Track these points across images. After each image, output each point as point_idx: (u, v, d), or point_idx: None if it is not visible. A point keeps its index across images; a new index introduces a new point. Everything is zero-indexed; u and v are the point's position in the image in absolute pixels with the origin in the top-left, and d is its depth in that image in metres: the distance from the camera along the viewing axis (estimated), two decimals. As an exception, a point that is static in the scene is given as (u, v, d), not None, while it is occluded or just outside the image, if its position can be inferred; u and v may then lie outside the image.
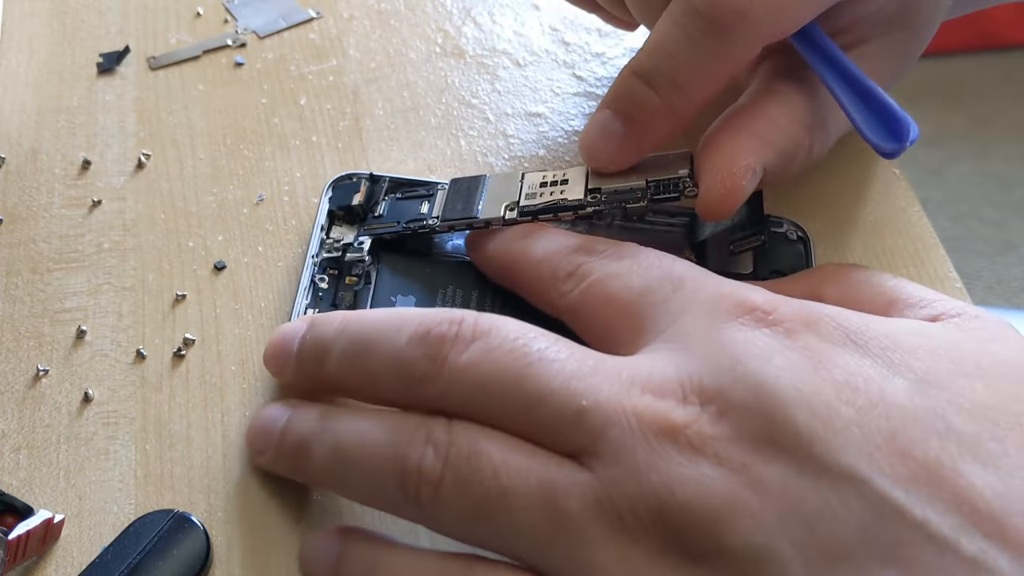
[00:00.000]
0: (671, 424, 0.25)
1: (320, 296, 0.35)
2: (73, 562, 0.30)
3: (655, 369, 0.27)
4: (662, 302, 0.29)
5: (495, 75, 0.44)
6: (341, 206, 0.37)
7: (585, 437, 0.26)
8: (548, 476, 0.26)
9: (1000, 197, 1.41)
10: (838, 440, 0.24)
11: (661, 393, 0.26)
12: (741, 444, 0.25)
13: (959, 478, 0.24)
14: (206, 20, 0.46)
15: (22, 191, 0.39)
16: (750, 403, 0.25)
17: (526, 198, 0.35)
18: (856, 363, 0.26)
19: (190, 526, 0.30)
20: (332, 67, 0.44)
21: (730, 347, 0.26)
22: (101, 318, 0.35)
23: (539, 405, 0.26)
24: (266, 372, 0.34)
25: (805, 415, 0.25)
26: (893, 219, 0.38)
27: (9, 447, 0.32)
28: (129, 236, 0.38)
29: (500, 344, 0.27)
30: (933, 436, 0.24)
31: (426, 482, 0.26)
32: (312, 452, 0.29)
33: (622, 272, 0.30)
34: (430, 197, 0.36)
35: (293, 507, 0.31)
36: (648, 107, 0.33)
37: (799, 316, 0.27)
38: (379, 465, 0.27)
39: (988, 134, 1.48)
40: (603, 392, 0.26)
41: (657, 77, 0.33)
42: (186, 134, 0.41)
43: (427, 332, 0.28)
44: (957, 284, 0.36)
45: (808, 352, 0.26)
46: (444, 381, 0.27)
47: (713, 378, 0.26)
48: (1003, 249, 1.36)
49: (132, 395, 0.34)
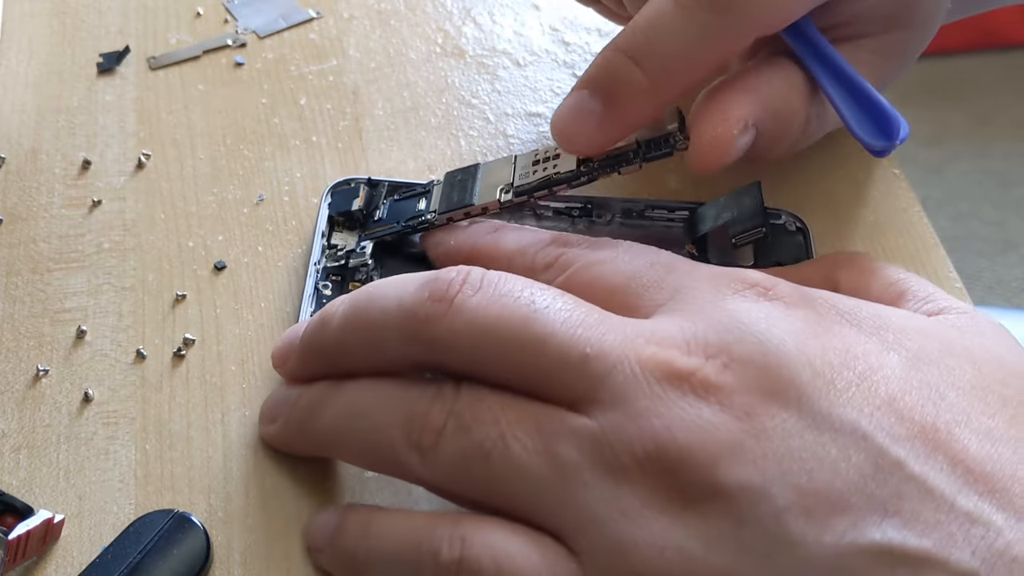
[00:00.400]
0: (675, 370, 0.25)
1: (324, 303, 0.35)
2: (73, 562, 0.30)
3: (659, 327, 0.27)
4: (655, 283, 0.29)
5: (495, 75, 0.44)
6: (340, 212, 0.37)
7: (587, 383, 0.26)
8: (546, 422, 0.26)
9: (1000, 196, 1.41)
10: (841, 398, 0.25)
11: (666, 345, 0.26)
12: (745, 394, 0.25)
13: (954, 441, 0.24)
14: (206, 20, 0.46)
15: (22, 191, 0.39)
16: (756, 358, 0.25)
17: (520, 178, 0.35)
18: (853, 336, 0.26)
19: (190, 526, 0.30)
20: (332, 67, 0.44)
21: (734, 312, 0.27)
22: (101, 318, 0.35)
23: (543, 350, 0.26)
24: (266, 372, 0.34)
25: (809, 373, 0.25)
26: (893, 218, 0.38)
27: (9, 447, 0.32)
28: (129, 236, 0.38)
29: (509, 291, 0.27)
30: (929, 404, 0.25)
31: (430, 429, 0.27)
32: (324, 411, 0.30)
33: (607, 259, 0.30)
34: (427, 194, 0.36)
35: (293, 507, 0.31)
36: (632, 86, 0.32)
37: (796, 293, 0.28)
38: (386, 419, 0.28)
39: (988, 133, 1.48)
40: (607, 340, 0.26)
41: (643, 52, 0.32)
42: (186, 134, 0.41)
43: (435, 278, 0.28)
44: (957, 284, 0.36)
45: (808, 322, 0.27)
46: (449, 321, 0.27)
47: (719, 335, 0.26)
48: (1003, 249, 1.36)
49: (132, 395, 0.34)
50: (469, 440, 0.26)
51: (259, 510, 0.31)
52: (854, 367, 0.25)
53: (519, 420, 0.26)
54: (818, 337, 0.26)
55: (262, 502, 0.31)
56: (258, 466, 0.32)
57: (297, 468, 0.32)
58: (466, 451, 0.26)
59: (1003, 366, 0.27)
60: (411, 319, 0.27)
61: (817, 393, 0.25)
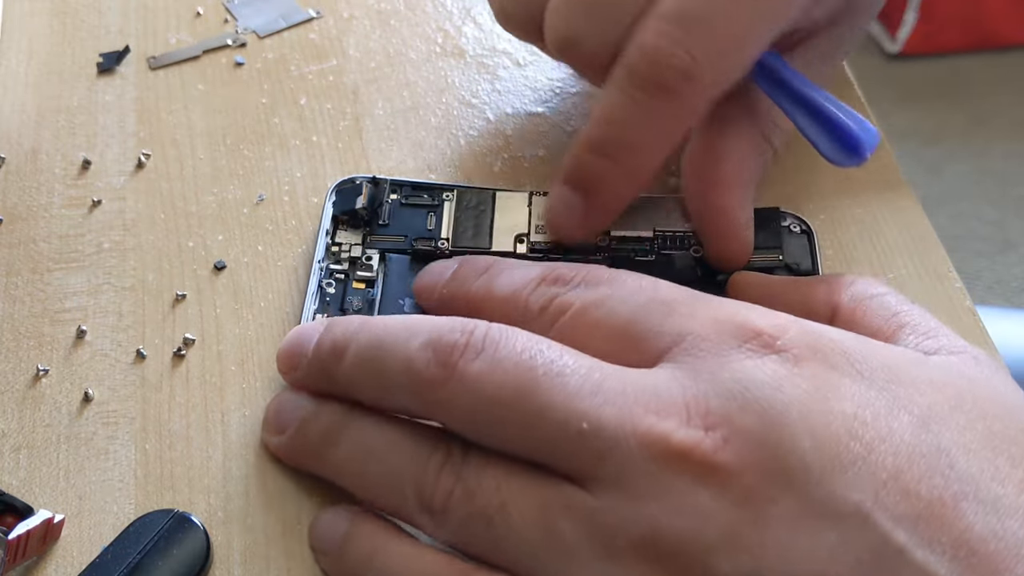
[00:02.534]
0: (673, 449, 0.25)
1: (328, 301, 0.35)
2: (73, 562, 0.30)
3: (660, 387, 0.26)
4: (656, 326, 0.28)
5: (495, 75, 0.44)
6: (345, 211, 0.37)
7: (585, 460, 0.26)
8: (546, 496, 0.26)
9: (1000, 195, 1.41)
10: (845, 477, 0.24)
11: (665, 414, 0.25)
12: (744, 475, 0.24)
13: (960, 518, 0.24)
14: (206, 20, 0.46)
15: (22, 191, 0.39)
16: (757, 432, 0.25)
17: (536, 231, 0.36)
18: (863, 395, 0.25)
19: (190, 526, 0.30)
20: (332, 67, 0.44)
21: (739, 372, 0.26)
22: (101, 318, 0.35)
23: (541, 424, 0.26)
24: (266, 372, 0.34)
25: (813, 449, 0.24)
26: (893, 218, 0.38)
27: (9, 447, 0.32)
28: (129, 236, 0.38)
29: (507, 356, 0.27)
30: (937, 474, 0.24)
31: (440, 493, 0.27)
32: (337, 445, 0.30)
33: (603, 300, 0.29)
34: (436, 207, 0.37)
35: (293, 507, 0.31)
36: (605, 178, 0.33)
37: (805, 342, 0.26)
38: (398, 472, 0.28)
39: (987, 133, 1.48)
40: (605, 413, 0.25)
41: (609, 147, 0.33)
42: (186, 134, 0.41)
43: (439, 338, 0.28)
44: (957, 284, 0.36)
45: (816, 381, 0.25)
46: (451, 389, 0.27)
47: (720, 402, 0.25)
48: (1003, 248, 1.36)
49: (132, 395, 0.34)
50: (473, 507, 0.27)
51: (259, 510, 0.31)
52: (861, 436, 0.25)
53: (520, 490, 0.26)
54: (826, 401, 0.25)
55: (262, 502, 0.31)
56: (258, 466, 0.32)
57: (298, 468, 0.32)
58: (471, 516, 0.27)
59: (1014, 419, 0.26)
60: (416, 380, 0.28)
61: (820, 473, 0.24)
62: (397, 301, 0.35)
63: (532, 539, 0.26)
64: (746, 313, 0.27)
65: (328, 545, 0.29)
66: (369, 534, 0.29)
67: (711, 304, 0.28)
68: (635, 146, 0.33)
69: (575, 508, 0.25)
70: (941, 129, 1.48)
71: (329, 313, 0.34)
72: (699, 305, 0.28)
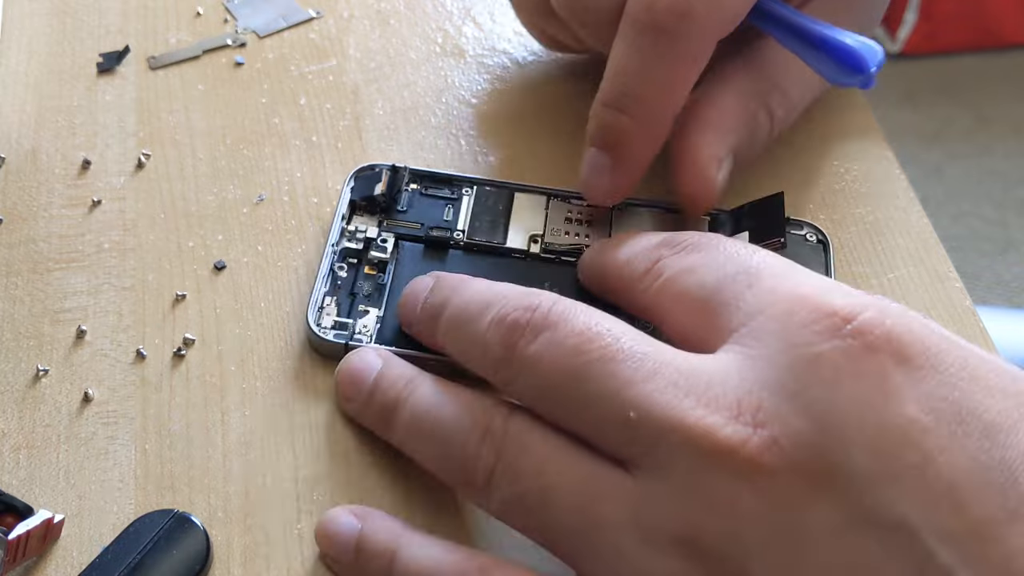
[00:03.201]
0: (719, 446, 0.24)
1: (339, 284, 0.35)
2: (73, 562, 0.30)
3: (715, 378, 0.25)
4: (734, 299, 0.27)
5: (495, 75, 0.44)
6: (363, 196, 0.37)
7: (632, 448, 0.26)
8: (589, 480, 0.26)
9: (1001, 196, 1.41)
10: (895, 489, 0.23)
11: (715, 407, 0.25)
12: (788, 478, 0.24)
13: (1013, 537, 0.23)
14: (206, 20, 0.46)
15: (22, 191, 0.39)
16: (807, 434, 0.24)
17: (551, 234, 0.36)
18: (930, 394, 0.24)
19: (190, 526, 0.30)
20: (332, 67, 0.44)
21: (798, 365, 0.25)
22: (101, 318, 0.35)
23: (591, 409, 0.26)
24: (266, 372, 0.34)
25: (865, 456, 0.23)
26: (893, 218, 0.38)
27: (9, 447, 0.32)
28: (129, 236, 0.38)
29: (564, 338, 0.27)
30: (995, 491, 0.23)
31: (482, 469, 0.28)
32: (396, 418, 0.31)
33: (696, 267, 0.29)
34: (454, 200, 0.37)
35: (293, 507, 0.31)
36: (624, 131, 0.34)
37: (881, 328, 0.25)
38: (446, 450, 0.29)
39: (989, 132, 1.48)
40: (654, 403, 0.25)
41: (623, 100, 0.33)
42: (186, 134, 0.41)
43: (505, 317, 0.28)
44: (957, 284, 0.36)
45: (880, 379, 0.24)
46: (514, 369, 0.28)
47: (774, 398, 0.24)
48: (1004, 249, 1.36)
49: (132, 395, 0.34)
50: (515, 488, 0.27)
51: (259, 510, 0.31)
52: (919, 444, 0.23)
53: (561, 473, 0.27)
54: (886, 403, 0.24)
55: (262, 502, 0.31)
56: (258, 466, 0.32)
57: (298, 468, 0.32)
58: (513, 497, 0.27)
59: None
60: (486, 359, 0.29)
61: (868, 482, 0.23)
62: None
63: (572, 523, 0.26)
64: (826, 293, 0.26)
65: (342, 549, 0.29)
66: (384, 534, 0.29)
67: (797, 277, 0.27)
68: (645, 95, 0.33)
69: (617, 494, 0.26)
70: (942, 129, 1.48)
71: (339, 297, 0.35)
72: (785, 278, 0.27)
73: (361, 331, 0.34)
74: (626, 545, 0.25)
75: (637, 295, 0.31)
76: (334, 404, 0.33)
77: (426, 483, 0.31)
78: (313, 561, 0.30)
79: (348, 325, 0.34)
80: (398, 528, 0.29)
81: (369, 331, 0.34)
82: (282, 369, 0.34)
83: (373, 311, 0.34)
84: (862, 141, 0.41)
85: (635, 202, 0.37)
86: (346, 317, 0.34)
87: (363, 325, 0.34)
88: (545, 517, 0.27)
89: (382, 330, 0.34)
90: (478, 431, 0.28)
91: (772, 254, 0.29)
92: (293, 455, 0.32)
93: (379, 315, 0.34)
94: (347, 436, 0.33)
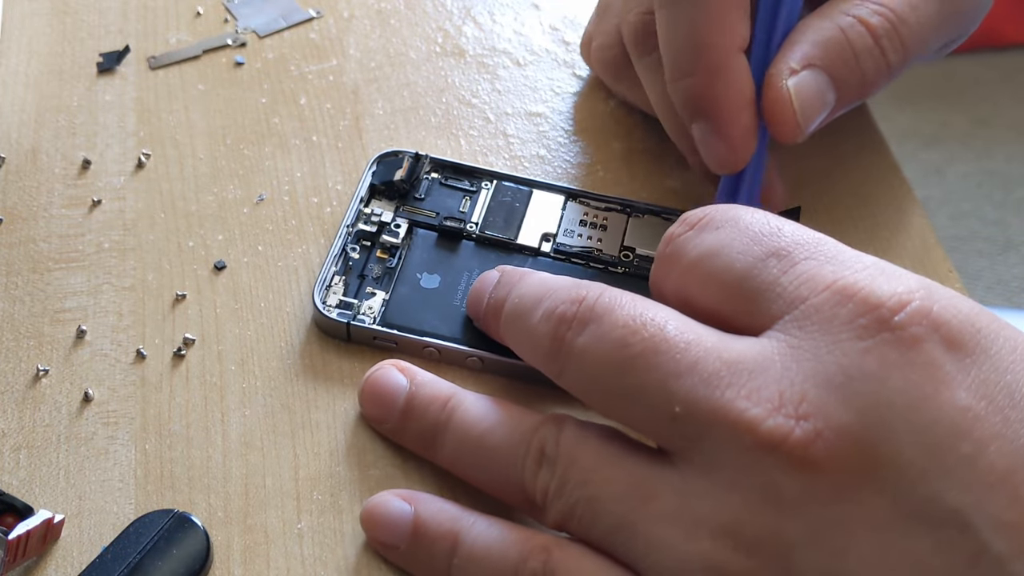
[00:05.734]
0: (762, 439, 0.24)
1: (350, 265, 0.35)
2: (73, 562, 0.30)
3: (758, 368, 0.25)
4: (769, 286, 0.26)
5: (495, 75, 0.44)
6: (383, 180, 0.37)
7: (677, 442, 0.26)
8: (637, 485, 0.26)
9: (1001, 196, 1.41)
10: (946, 480, 0.22)
11: (758, 399, 0.24)
12: (834, 472, 0.23)
13: None
14: (206, 20, 0.46)
15: (22, 191, 0.39)
16: (854, 428, 0.23)
17: (564, 234, 0.37)
18: (982, 380, 0.23)
19: (190, 526, 0.30)
20: (332, 67, 0.44)
21: (844, 358, 0.24)
22: (101, 318, 0.35)
23: (637, 404, 0.26)
24: (266, 372, 0.34)
25: (914, 451, 0.23)
26: (893, 218, 0.38)
27: (9, 447, 0.32)
28: (129, 236, 0.38)
29: (609, 331, 0.27)
30: None
31: (540, 491, 0.28)
32: (439, 444, 0.31)
33: (721, 249, 0.28)
34: (472, 193, 0.38)
35: (293, 507, 0.31)
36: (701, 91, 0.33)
37: (928, 318, 0.24)
38: (503, 475, 0.29)
39: (989, 133, 1.48)
40: (698, 396, 0.25)
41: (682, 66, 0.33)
42: (186, 134, 0.41)
43: (553, 310, 0.29)
44: (957, 284, 0.36)
45: (929, 369, 0.23)
46: (562, 362, 0.28)
47: (819, 391, 0.24)
48: (1004, 249, 1.36)
49: (132, 395, 0.34)
50: (564, 503, 0.27)
51: (259, 510, 0.31)
52: (971, 434, 0.22)
53: (606, 482, 0.27)
54: (937, 393, 0.23)
55: (262, 502, 0.31)
56: (258, 466, 0.32)
57: (298, 468, 0.32)
58: (564, 510, 0.28)
59: None
60: (539, 353, 0.29)
61: (918, 475, 0.22)
62: (415, 275, 0.35)
63: (619, 525, 0.26)
64: (870, 280, 0.25)
65: (398, 537, 0.29)
66: (443, 521, 0.29)
67: (835, 262, 0.26)
68: (694, 48, 0.32)
69: (663, 491, 0.26)
70: (942, 130, 1.48)
71: (348, 278, 0.35)
72: (821, 262, 0.26)
73: (365, 312, 0.34)
74: (672, 537, 0.25)
75: (660, 281, 0.29)
76: (334, 404, 0.33)
77: (426, 482, 0.31)
78: (313, 561, 0.30)
79: (353, 305, 0.34)
80: (455, 510, 0.29)
81: (374, 313, 0.34)
82: (282, 369, 0.34)
83: (380, 294, 0.35)
84: (862, 142, 0.41)
85: (653, 209, 0.37)
86: (352, 298, 0.35)
87: (368, 307, 0.34)
88: (592, 526, 0.27)
89: (386, 313, 0.34)
90: (533, 456, 0.28)
91: (793, 225, 0.28)
92: (293, 455, 0.32)
93: (385, 298, 0.35)
94: (347, 436, 0.33)
